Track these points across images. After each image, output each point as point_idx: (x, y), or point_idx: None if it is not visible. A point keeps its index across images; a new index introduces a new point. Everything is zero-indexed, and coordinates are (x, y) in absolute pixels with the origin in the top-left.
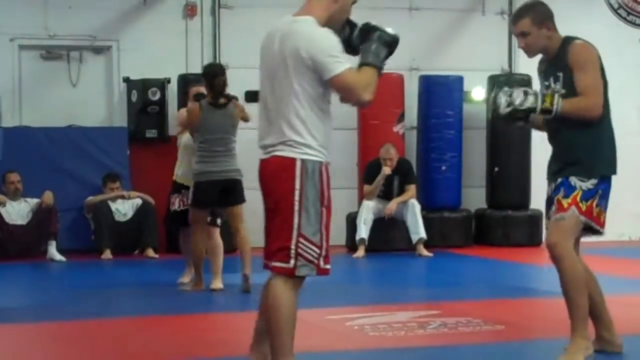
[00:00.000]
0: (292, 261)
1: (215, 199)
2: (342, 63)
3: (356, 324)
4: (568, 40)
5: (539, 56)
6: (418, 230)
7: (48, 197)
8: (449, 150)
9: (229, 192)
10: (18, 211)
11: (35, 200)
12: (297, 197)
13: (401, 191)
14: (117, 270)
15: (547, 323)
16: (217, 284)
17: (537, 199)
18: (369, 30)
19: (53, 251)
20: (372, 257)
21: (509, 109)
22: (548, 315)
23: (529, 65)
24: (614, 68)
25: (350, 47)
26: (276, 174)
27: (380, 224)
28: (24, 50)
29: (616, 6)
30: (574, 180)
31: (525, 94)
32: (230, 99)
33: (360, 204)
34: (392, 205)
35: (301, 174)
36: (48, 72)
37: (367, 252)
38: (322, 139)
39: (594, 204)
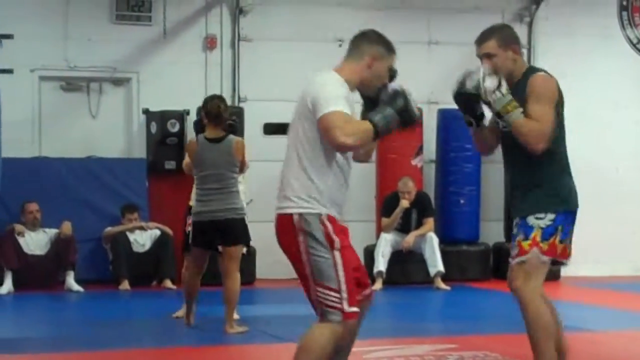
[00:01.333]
0: (319, 310)
1: (212, 240)
2: (334, 105)
3: (374, 357)
4: (531, 70)
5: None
6: (436, 263)
7: (67, 227)
8: (467, 184)
9: (224, 232)
10: (37, 241)
11: (53, 231)
12: (302, 249)
13: (419, 224)
14: (135, 301)
15: (573, 356)
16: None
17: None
18: (397, 95)
19: (71, 281)
20: (389, 290)
21: (456, 87)
22: (575, 349)
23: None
24: (633, 103)
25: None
26: (281, 233)
27: (398, 257)
28: (44, 81)
29: (635, 41)
30: (531, 220)
31: (497, 87)
32: (231, 132)
33: (378, 236)
34: (410, 239)
35: (300, 228)
36: (68, 103)
37: (384, 284)
38: (326, 185)
39: (557, 241)
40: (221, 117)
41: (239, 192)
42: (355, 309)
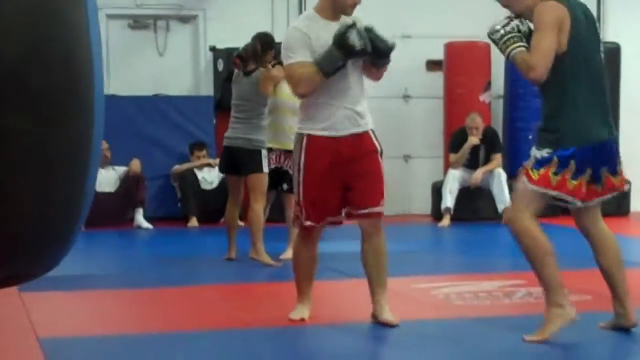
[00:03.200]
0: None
1: (228, 166)
2: (288, 58)
3: (441, 293)
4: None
5: (630, 22)
6: (504, 199)
7: (135, 165)
8: (535, 119)
9: (238, 160)
10: (106, 179)
11: (122, 168)
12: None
13: (487, 160)
14: (203, 239)
15: (635, 294)
16: (288, 253)
17: (626, 166)
18: (342, 31)
19: (140, 219)
20: (457, 226)
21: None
22: (637, 286)
23: (619, 33)
24: None
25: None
26: None
27: (466, 193)
28: (111, 19)
29: None
30: (533, 150)
31: (508, 24)
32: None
33: (445, 173)
34: (478, 175)
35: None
36: (135, 41)
37: (452, 221)
38: (311, 114)
39: (550, 172)
40: (257, 55)
41: (261, 125)
42: (308, 223)
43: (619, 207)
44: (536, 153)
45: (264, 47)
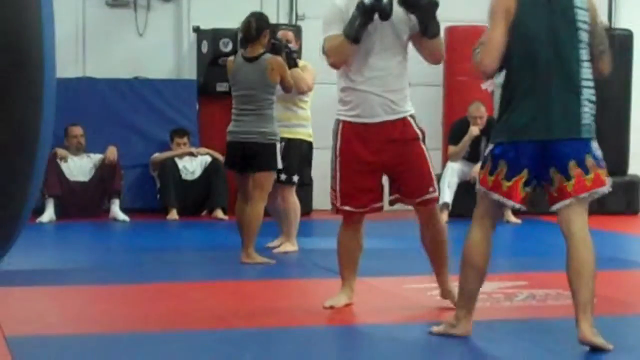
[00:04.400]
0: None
1: (239, 162)
2: (325, 32)
3: (438, 294)
4: None
5: None
6: None
7: (112, 152)
8: None
9: (249, 156)
10: (80, 167)
11: (98, 156)
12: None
13: None
14: (183, 232)
15: None
16: (288, 246)
17: (636, 163)
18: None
19: (116, 210)
20: (455, 223)
21: None
22: None
23: (632, 19)
24: None
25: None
26: None
27: (466, 188)
28: None
29: None
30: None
31: None
32: (274, 52)
33: (444, 165)
34: (479, 168)
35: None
36: (113, 20)
37: (450, 217)
38: (345, 99)
39: (487, 172)
40: (253, 35)
41: (273, 116)
42: (346, 207)
43: (628, 206)
44: (485, 151)
45: (260, 26)
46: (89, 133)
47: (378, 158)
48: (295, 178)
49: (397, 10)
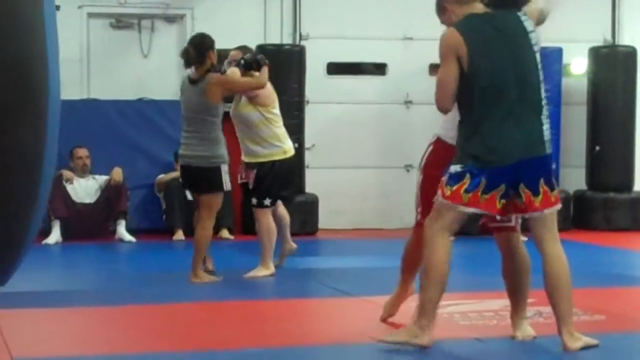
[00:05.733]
0: None
1: (191, 184)
2: None
3: (445, 312)
4: None
5: None
6: None
7: (117, 173)
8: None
9: (196, 178)
10: (86, 189)
11: (103, 177)
12: None
13: None
14: (190, 252)
15: None
16: (261, 270)
17: None
18: None
19: (122, 231)
20: (460, 241)
21: None
22: None
23: (634, 37)
24: None
25: None
26: None
27: None
28: (92, 18)
29: None
30: (450, 167)
31: None
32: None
33: None
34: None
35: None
36: (118, 42)
37: (456, 235)
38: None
39: (462, 190)
40: (194, 59)
41: (217, 138)
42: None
43: (634, 222)
44: (451, 168)
45: (199, 49)
46: (94, 155)
47: None
48: (267, 201)
49: None
